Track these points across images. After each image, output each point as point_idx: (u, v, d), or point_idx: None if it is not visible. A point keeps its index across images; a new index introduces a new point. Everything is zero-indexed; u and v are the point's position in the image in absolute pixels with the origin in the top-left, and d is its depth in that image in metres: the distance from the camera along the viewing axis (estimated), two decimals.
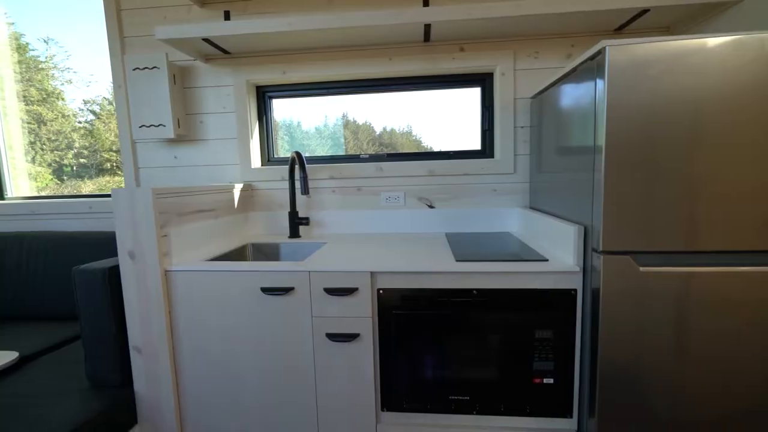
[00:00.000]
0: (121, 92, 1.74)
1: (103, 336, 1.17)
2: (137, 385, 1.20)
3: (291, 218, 1.64)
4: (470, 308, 1.11)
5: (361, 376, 1.16)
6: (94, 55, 1.98)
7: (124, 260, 1.15)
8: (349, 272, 1.11)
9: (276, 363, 1.18)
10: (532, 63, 1.58)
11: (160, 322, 1.17)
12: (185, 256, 1.26)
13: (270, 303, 1.16)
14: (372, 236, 1.63)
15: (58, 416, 1.04)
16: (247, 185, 1.74)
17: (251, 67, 1.70)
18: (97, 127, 2.10)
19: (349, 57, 1.65)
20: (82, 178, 2.13)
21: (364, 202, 1.72)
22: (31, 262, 1.74)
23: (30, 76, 2.06)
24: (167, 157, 1.79)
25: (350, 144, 1.90)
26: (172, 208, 1.20)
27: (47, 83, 2.10)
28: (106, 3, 1.71)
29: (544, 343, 1.08)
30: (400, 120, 1.84)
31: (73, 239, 1.75)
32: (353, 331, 1.13)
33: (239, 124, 1.72)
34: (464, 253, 1.23)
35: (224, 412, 1.22)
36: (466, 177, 1.66)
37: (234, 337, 1.19)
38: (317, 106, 1.87)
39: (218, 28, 1.44)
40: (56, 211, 1.90)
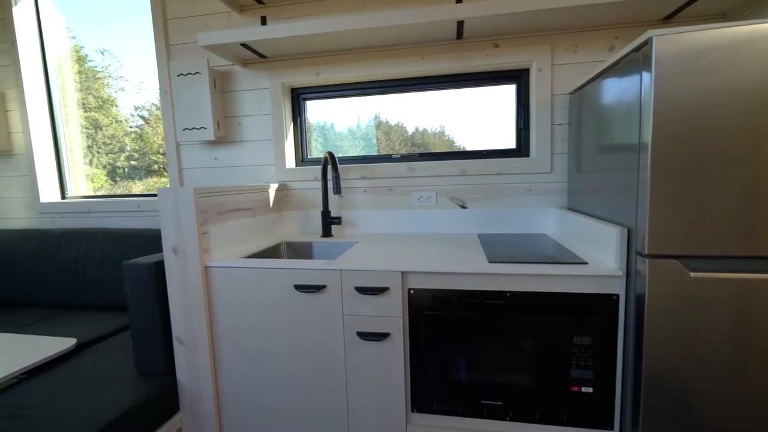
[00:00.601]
0: (166, 97, 1.85)
1: (149, 326, 1.24)
2: (179, 375, 1.27)
3: (323, 217, 1.67)
4: (503, 311, 1.08)
5: (391, 375, 1.16)
6: (144, 64, 2.12)
7: (169, 255, 1.22)
8: (381, 271, 1.12)
9: (308, 358, 1.21)
10: (570, 57, 1.51)
11: (200, 315, 1.23)
12: (224, 253, 1.31)
13: (303, 300, 1.18)
14: (403, 236, 1.62)
15: (111, 399, 1.11)
16: (282, 185, 1.80)
17: (286, 69, 1.74)
18: (146, 131, 2.24)
19: (382, 57, 1.66)
20: (132, 179, 2.28)
21: (395, 202, 1.72)
22: (88, 256, 1.89)
23: (88, 85, 2.23)
24: (208, 158, 1.88)
25: (382, 144, 1.91)
26: (211, 206, 1.26)
27: (103, 91, 2.26)
28: (154, 13, 1.82)
29: (583, 350, 1.04)
30: (433, 120, 1.83)
31: (124, 236, 1.88)
32: (384, 331, 1.14)
33: (275, 125, 1.78)
34: (497, 254, 1.20)
35: (258, 403, 1.27)
36: (499, 176, 1.62)
37: (268, 332, 1.23)
38: (350, 107, 1.89)
39: (254, 33, 1.49)
40: (109, 209, 2.05)
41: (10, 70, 2.05)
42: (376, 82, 1.75)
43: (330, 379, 1.20)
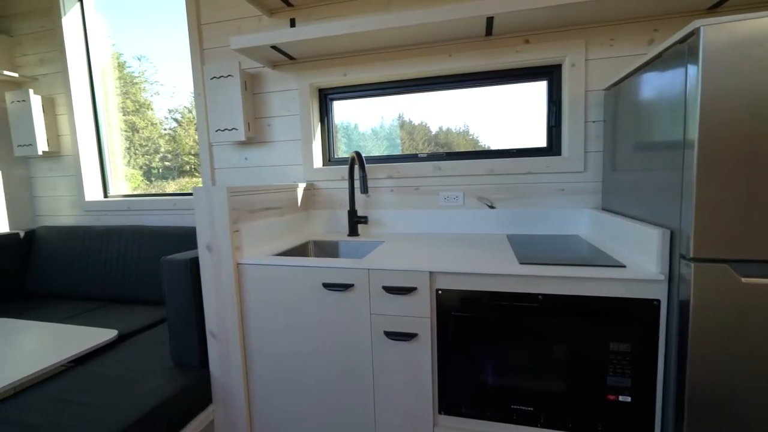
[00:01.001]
0: (200, 100, 1.92)
1: (184, 321, 1.29)
2: (212, 368, 1.32)
3: (350, 217, 1.68)
4: (535, 314, 1.05)
5: (419, 376, 1.15)
6: (177, 69, 2.21)
7: (203, 252, 1.26)
8: (408, 271, 1.11)
9: (335, 356, 1.22)
10: (606, 52, 1.46)
11: (232, 311, 1.27)
12: (254, 251, 1.35)
13: (331, 298, 1.20)
14: (430, 236, 1.61)
15: (149, 389, 1.17)
16: (310, 184, 1.82)
17: (314, 71, 1.77)
18: (179, 133, 2.34)
19: (408, 56, 1.65)
20: (166, 179, 2.38)
21: (422, 201, 1.71)
22: (128, 253, 1.98)
23: (127, 89, 2.34)
24: (239, 158, 1.94)
25: (406, 144, 1.90)
26: (243, 205, 1.29)
27: (140, 95, 2.37)
28: (189, 19, 1.88)
29: (620, 357, 0.99)
30: (457, 119, 1.80)
31: (160, 232, 1.97)
32: (411, 331, 1.13)
33: (303, 125, 1.81)
34: (528, 255, 1.17)
35: (286, 398, 1.29)
36: (529, 176, 1.58)
37: (296, 328, 1.25)
38: (373, 107, 1.90)
39: (284, 35, 1.52)
40: (147, 207, 2.15)
41: (59, 77, 2.19)
42: (403, 81, 1.75)
43: (357, 377, 1.21)
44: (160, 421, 1.11)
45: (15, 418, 1.04)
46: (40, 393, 1.16)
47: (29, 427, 1.00)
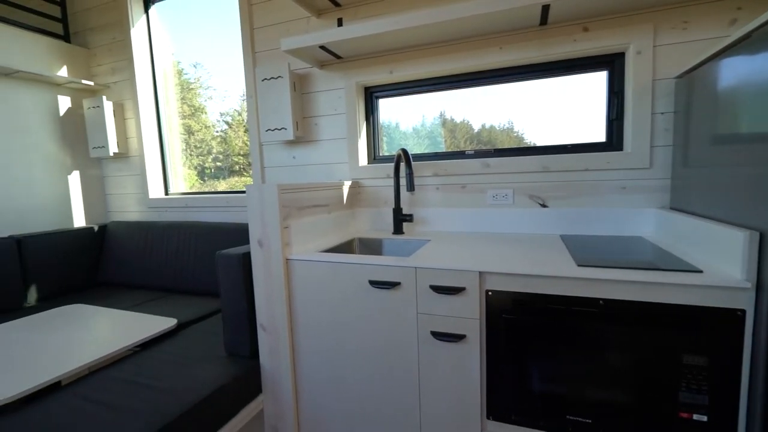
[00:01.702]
0: (252, 101, 2.00)
1: (237, 313, 1.35)
2: (262, 359, 1.36)
3: (395, 215, 1.67)
4: (595, 320, 0.98)
5: (466, 379, 1.11)
6: (229, 75, 2.32)
7: (255, 247, 1.31)
8: (457, 271, 1.08)
9: (380, 353, 1.22)
10: (678, 36, 1.33)
11: (281, 305, 1.30)
12: (302, 247, 1.38)
13: (377, 295, 1.19)
14: (477, 235, 1.56)
15: (205, 376, 1.23)
16: (355, 182, 1.84)
17: (360, 69, 1.78)
18: (230, 135, 2.46)
19: (456, 50, 1.61)
20: (218, 179, 2.52)
21: (468, 200, 1.67)
22: (186, 246, 2.11)
23: (184, 95, 2.50)
24: (287, 157, 1.99)
25: (447, 143, 1.87)
26: (292, 202, 1.32)
27: (195, 100, 2.52)
28: (242, 23, 1.97)
29: (696, 372, 0.90)
30: (500, 116, 1.74)
31: (214, 228, 2.07)
32: (459, 332, 1.10)
33: (349, 124, 1.82)
34: (587, 257, 1.09)
35: (332, 392, 1.31)
36: (587, 173, 1.48)
37: (343, 324, 1.26)
38: (414, 105, 1.88)
39: (331, 34, 1.54)
40: (202, 204, 2.27)
41: (128, 84, 2.38)
42: (450, 77, 1.71)
43: (402, 376, 1.20)
44: (216, 406, 1.17)
45: (90, 395, 1.13)
46: (111, 374, 1.26)
47: (102, 404, 1.09)
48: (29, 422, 1.02)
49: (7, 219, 2.07)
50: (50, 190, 2.27)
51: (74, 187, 2.40)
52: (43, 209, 2.24)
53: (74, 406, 1.08)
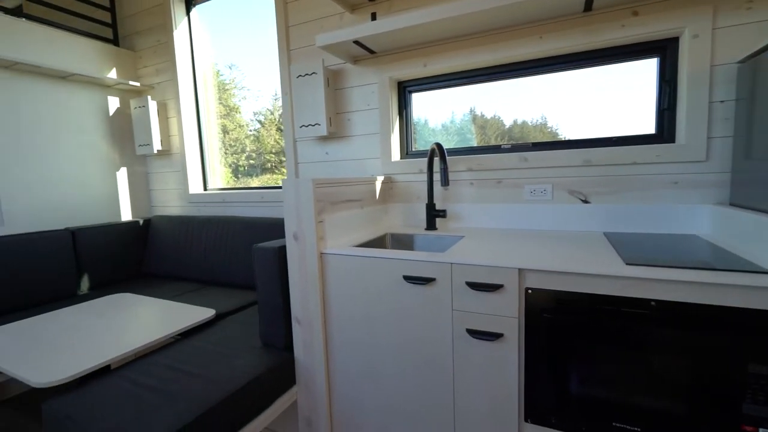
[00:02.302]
0: (287, 98, 2.03)
1: (273, 305, 1.37)
2: (296, 351, 1.38)
3: (428, 210, 1.65)
4: (645, 322, 0.92)
5: (504, 379, 1.08)
6: (261, 74, 2.38)
7: (290, 241, 1.33)
8: (495, 267, 1.05)
9: (414, 349, 1.20)
10: (741, 17, 1.22)
11: (315, 298, 1.32)
12: (336, 241, 1.38)
13: (411, 291, 1.18)
14: (513, 232, 1.51)
15: (242, 365, 1.26)
16: (388, 178, 1.83)
17: (394, 63, 1.76)
18: (262, 134, 2.52)
19: (493, 41, 1.56)
20: (250, 176, 2.59)
21: (504, 195, 1.62)
22: (223, 240, 2.19)
23: (220, 95, 2.58)
24: (320, 152, 2.01)
25: (477, 139, 1.83)
26: (327, 197, 1.33)
27: (230, 101, 2.60)
28: (278, 21, 2.00)
29: (763, 381, 0.82)
30: (533, 111, 1.67)
31: (250, 223, 2.13)
32: (496, 330, 1.07)
33: (382, 119, 1.81)
34: (636, 256, 1.03)
35: (365, 387, 1.31)
36: (634, 167, 1.40)
37: (376, 319, 1.25)
38: (444, 102, 1.85)
39: (366, 28, 1.54)
40: (238, 199, 2.34)
41: (170, 84, 2.48)
42: (484, 69, 1.66)
43: (436, 373, 1.18)
44: (252, 395, 1.20)
45: (137, 379, 1.19)
46: (155, 359, 1.32)
47: (148, 387, 1.14)
48: (84, 401, 1.08)
49: (63, 213, 2.22)
50: (101, 186, 2.42)
51: (122, 183, 2.54)
52: (95, 204, 2.39)
53: (123, 388, 1.14)
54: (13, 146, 2.01)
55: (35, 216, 2.10)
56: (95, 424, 0.99)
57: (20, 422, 1.79)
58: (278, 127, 2.48)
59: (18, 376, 1.12)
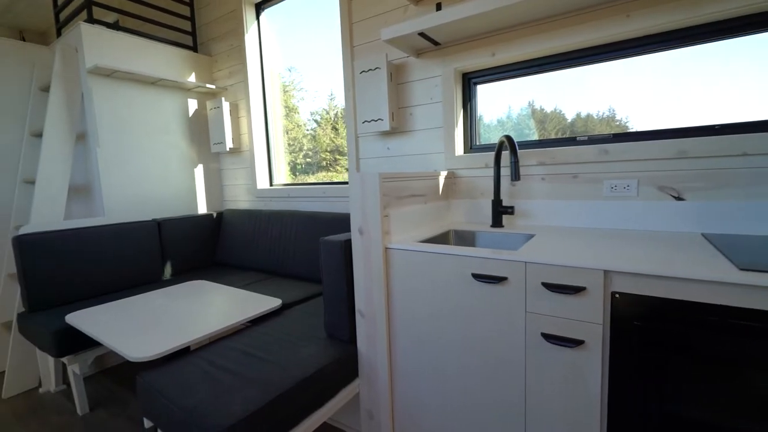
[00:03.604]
0: (350, 94, 2.06)
1: (337, 297, 1.40)
2: (360, 344, 1.40)
3: (494, 206, 1.57)
4: (761, 337, 0.78)
5: (583, 390, 0.99)
6: (319, 76, 2.44)
7: (355, 235, 1.34)
8: (576, 268, 0.96)
9: (482, 350, 1.15)
10: None
11: (379, 292, 1.32)
12: (400, 236, 1.37)
13: (480, 290, 1.13)
14: (591, 231, 1.39)
15: (309, 355, 1.30)
16: (451, 173, 1.78)
17: (459, 54, 1.70)
18: (318, 133, 2.58)
19: (570, 24, 1.44)
20: (307, 174, 2.67)
21: (580, 191, 1.49)
22: (287, 233, 2.28)
23: (280, 96, 2.68)
24: (381, 148, 2.01)
25: (537, 134, 1.72)
26: (392, 191, 1.32)
27: (290, 101, 2.70)
28: (342, 19, 2.03)
29: None
30: (599, 103, 1.53)
31: (312, 217, 2.20)
32: (576, 337, 0.98)
33: (445, 112, 1.77)
34: (752, 260, 0.89)
35: (429, 383, 1.28)
36: (743, 158, 1.21)
37: (441, 316, 1.22)
38: (499, 95, 1.77)
39: (431, 19, 1.50)
40: (301, 195, 2.43)
41: (242, 86, 2.64)
42: (560, 56, 1.54)
43: (506, 377, 1.12)
44: (319, 384, 1.23)
45: (215, 361, 1.28)
46: (229, 344, 1.40)
47: (224, 369, 1.21)
48: (172, 377, 1.18)
49: (150, 205, 2.46)
50: (181, 181, 2.64)
51: (198, 178, 2.76)
52: (176, 197, 2.61)
53: (203, 369, 1.23)
54: (114, 146, 2.26)
55: (128, 208, 2.35)
56: (182, 399, 1.07)
57: (116, 390, 2.02)
58: (333, 126, 2.53)
59: (118, 350, 1.25)
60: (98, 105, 2.19)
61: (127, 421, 1.74)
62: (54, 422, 1.76)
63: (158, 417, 1.13)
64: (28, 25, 4.00)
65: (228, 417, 0.98)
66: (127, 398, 1.93)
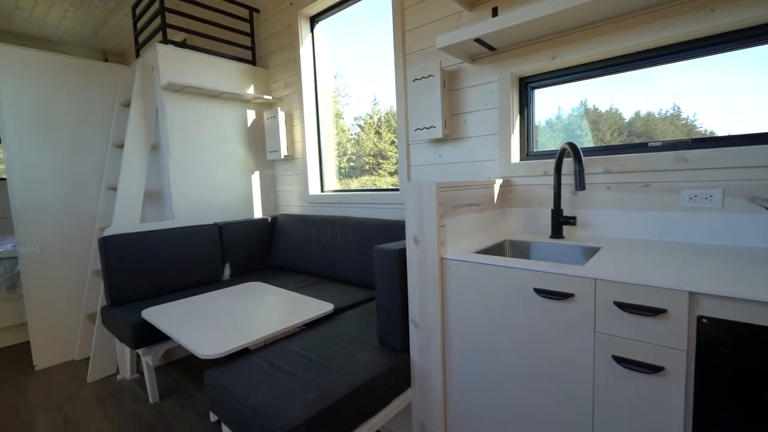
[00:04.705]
0: (401, 102, 2.07)
1: (391, 305, 1.40)
2: (413, 354, 1.39)
3: (554, 216, 1.50)
4: None
5: (662, 423, 0.91)
6: (362, 80, 2.48)
7: (410, 244, 1.33)
8: (656, 288, 0.89)
9: (543, 369, 1.10)
10: None
11: (434, 303, 1.30)
12: (455, 246, 1.35)
13: (542, 306, 1.08)
14: (666, 245, 1.28)
15: (363, 362, 1.31)
16: (506, 180, 1.72)
17: (516, 59, 1.65)
18: (362, 137, 2.61)
19: (644, 21, 1.34)
20: (350, 177, 2.71)
21: (653, 201, 1.38)
22: (338, 238, 2.33)
23: (332, 106, 2.75)
24: (433, 155, 2.00)
25: (591, 136, 1.63)
26: (448, 201, 1.30)
27: (335, 107, 2.76)
28: (395, 28, 2.05)
29: None
30: (661, 101, 1.40)
31: (362, 223, 2.23)
32: (655, 363, 0.90)
33: (501, 119, 1.72)
34: None
35: (484, 398, 1.25)
36: None
37: (499, 331, 1.18)
38: (548, 95, 1.69)
39: (490, 24, 1.47)
40: (351, 201, 2.47)
41: (296, 96, 2.75)
42: (628, 56, 1.44)
43: (570, 400, 1.05)
44: (372, 393, 1.24)
45: (273, 362, 1.33)
46: (285, 346, 1.45)
47: (282, 370, 1.26)
48: (236, 375, 1.25)
49: (212, 210, 2.63)
50: (239, 187, 2.80)
51: (255, 184, 2.91)
52: (235, 203, 2.77)
53: (263, 369, 1.28)
54: (182, 156, 2.45)
55: (193, 212, 2.53)
56: (246, 398, 1.12)
57: (182, 381, 2.17)
58: (376, 130, 2.56)
59: (188, 346, 1.35)
60: (170, 118, 2.38)
61: (192, 412, 1.86)
62: (129, 408, 1.93)
63: (224, 413, 1.19)
64: (110, 46, 4.47)
65: (290, 419, 1.02)
66: (192, 390, 2.06)
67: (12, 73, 2.29)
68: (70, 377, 2.28)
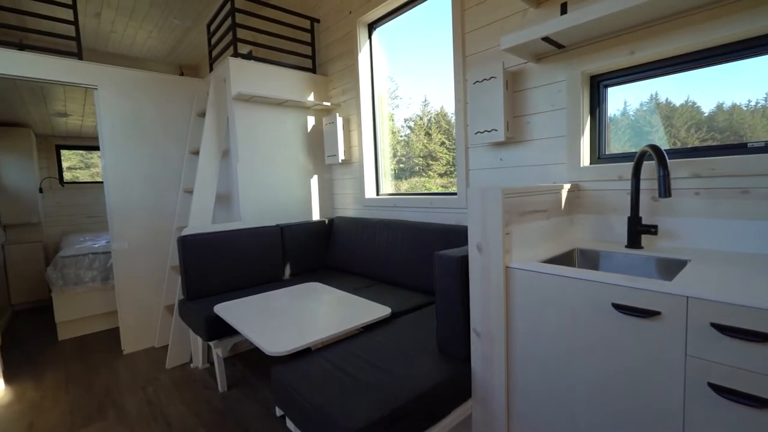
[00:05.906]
0: (460, 106, 2.03)
1: (451, 313, 1.38)
2: (474, 364, 1.35)
3: (631, 224, 1.39)
4: None
5: None
6: (413, 82, 2.47)
7: (473, 252, 1.30)
8: (764, 310, 0.78)
9: (623, 392, 1.01)
10: None
11: (498, 313, 1.26)
12: (521, 255, 1.30)
13: (621, 323, 1.00)
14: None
15: (423, 370, 1.30)
16: (575, 185, 1.62)
17: (588, 56, 1.55)
18: (411, 139, 2.59)
19: (737, 9, 1.19)
20: (400, 179, 2.70)
21: (753, 209, 1.22)
22: (393, 242, 2.35)
23: (388, 112, 2.77)
24: (493, 159, 1.94)
25: (660, 133, 1.46)
26: (514, 207, 1.26)
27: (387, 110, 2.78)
28: (454, 30, 2.03)
29: None
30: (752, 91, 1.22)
31: (419, 227, 2.22)
32: (762, 395, 0.80)
33: (569, 120, 1.62)
34: None
35: (553, 418, 1.18)
36: None
37: (570, 347, 1.11)
38: (611, 91, 1.56)
39: (561, 22, 1.39)
40: (407, 204, 2.48)
41: (353, 102, 2.82)
42: (716, 49, 1.29)
43: (655, 428, 0.96)
44: (433, 401, 1.22)
45: (335, 362, 1.37)
46: (346, 348, 1.49)
47: (344, 372, 1.29)
48: (301, 374, 1.30)
49: (275, 212, 2.78)
50: (299, 190, 2.93)
51: (314, 188, 3.02)
52: (295, 205, 2.90)
53: (326, 369, 1.32)
54: (249, 161, 2.61)
55: (258, 214, 2.69)
56: (311, 396, 1.17)
57: (247, 374, 2.31)
58: (426, 132, 2.53)
59: (257, 343, 1.43)
60: (239, 126, 2.55)
61: (257, 404, 1.98)
62: (202, 395, 2.09)
63: (289, 408, 1.25)
64: (185, 61, 4.90)
65: (355, 420, 1.04)
66: (257, 383, 2.19)
67: (109, 89, 2.59)
68: (151, 363, 2.53)
